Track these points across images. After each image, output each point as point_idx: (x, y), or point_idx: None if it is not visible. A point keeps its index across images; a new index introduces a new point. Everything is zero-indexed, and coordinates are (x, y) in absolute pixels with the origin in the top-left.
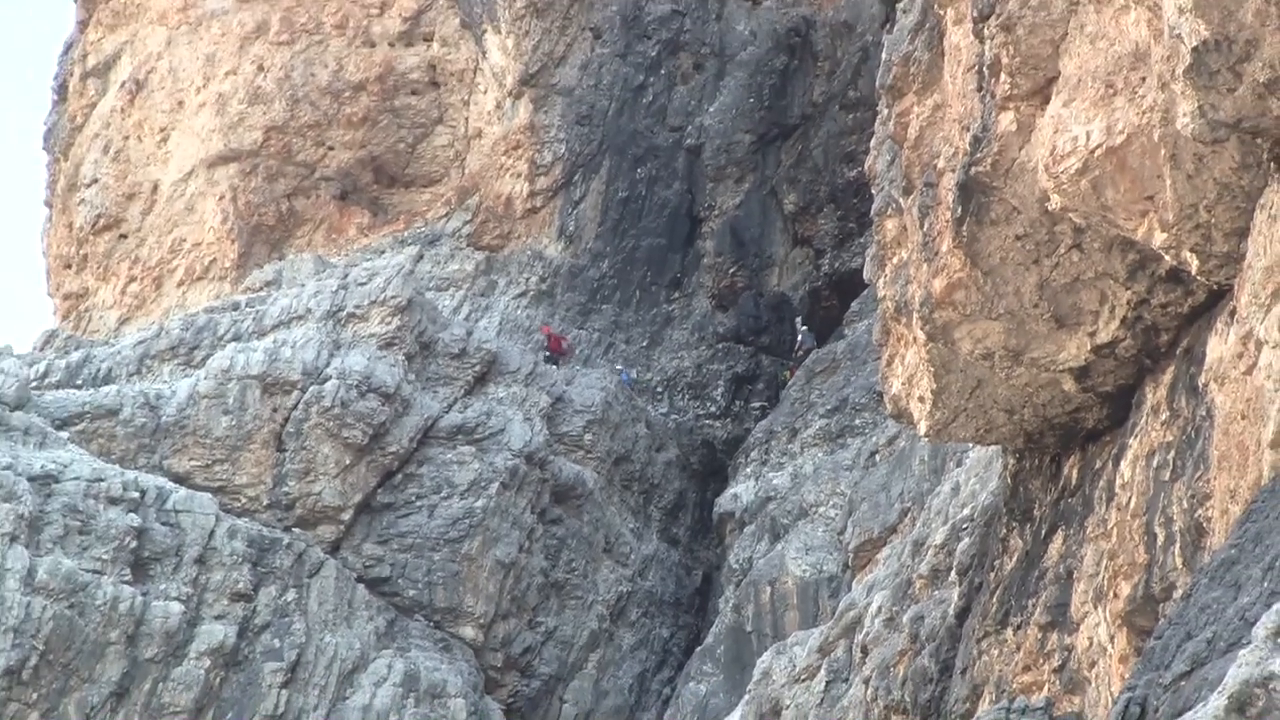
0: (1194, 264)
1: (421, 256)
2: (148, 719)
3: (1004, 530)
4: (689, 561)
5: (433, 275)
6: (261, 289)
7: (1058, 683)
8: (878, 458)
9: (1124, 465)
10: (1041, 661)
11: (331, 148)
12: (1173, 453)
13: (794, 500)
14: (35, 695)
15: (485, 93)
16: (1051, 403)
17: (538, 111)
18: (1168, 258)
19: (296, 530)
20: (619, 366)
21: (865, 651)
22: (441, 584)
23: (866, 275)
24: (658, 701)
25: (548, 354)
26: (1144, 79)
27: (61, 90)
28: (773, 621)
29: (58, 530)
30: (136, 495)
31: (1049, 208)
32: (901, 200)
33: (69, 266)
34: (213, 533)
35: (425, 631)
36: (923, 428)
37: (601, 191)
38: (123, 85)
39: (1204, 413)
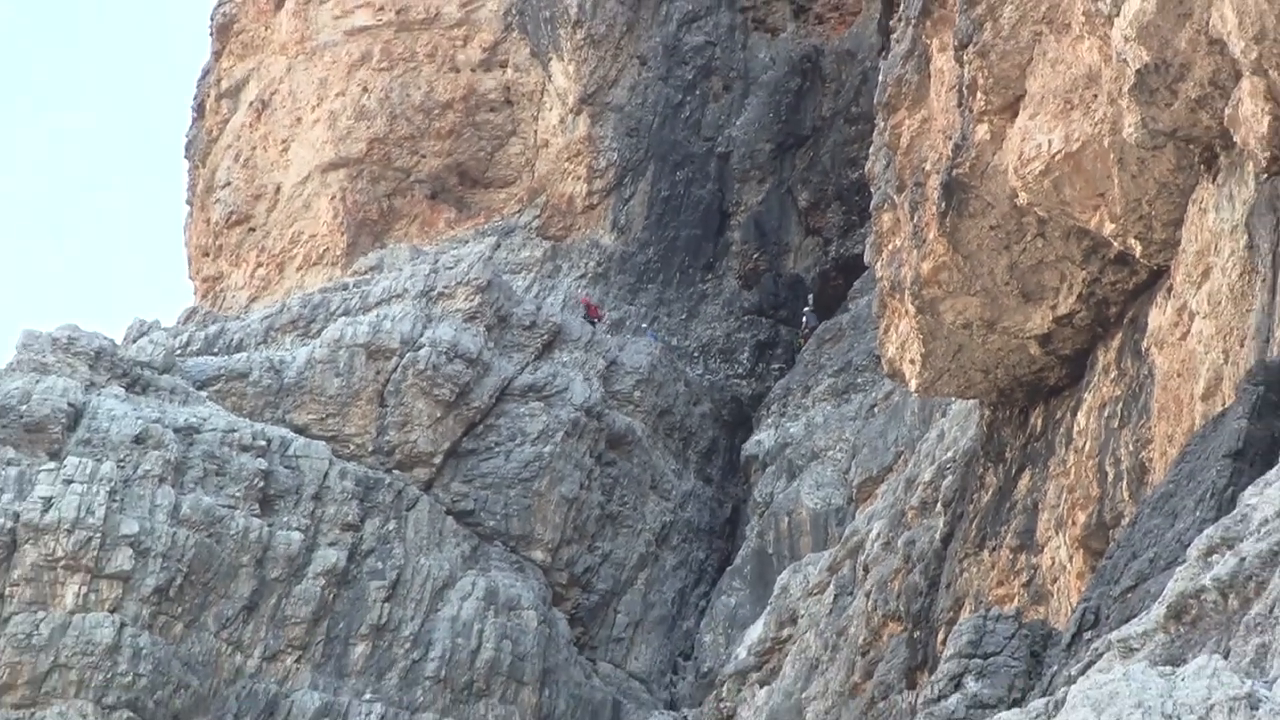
0: (1137, 249)
1: (498, 245)
2: (273, 629)
3: (981, 469)
4: (720, 496)
5: (508, 261)
6: (366, 273)
7: (1026, 595)
8: (876, 410)
9: (1080, 415)
10: (1012, 578)
11: (424, 156)
12: (1120, 405)
13: (807, 445)
14: (180, 609)
15: (550, 110)
16: (1020, 364)
17: (594, 125)
18: (1116, 244)
19: (396, 472)
20: (644, 325)
21: (866, 570)
22: (516, 515)
23: (867, 259)
24: (695, 612)
25: (586, 318)
26: (1096, 96)
27: (200, 109)
28: (790, 545)
29: (198, 473)
30: (263, 444)
31: (1017, 203)
32: (896, 197)
33: (207, 255)
34: (326, 474)
35: (502, 555)
36: (913, 385)
37: (647, 191)
38: (250, 105)
39: (1146, 372)
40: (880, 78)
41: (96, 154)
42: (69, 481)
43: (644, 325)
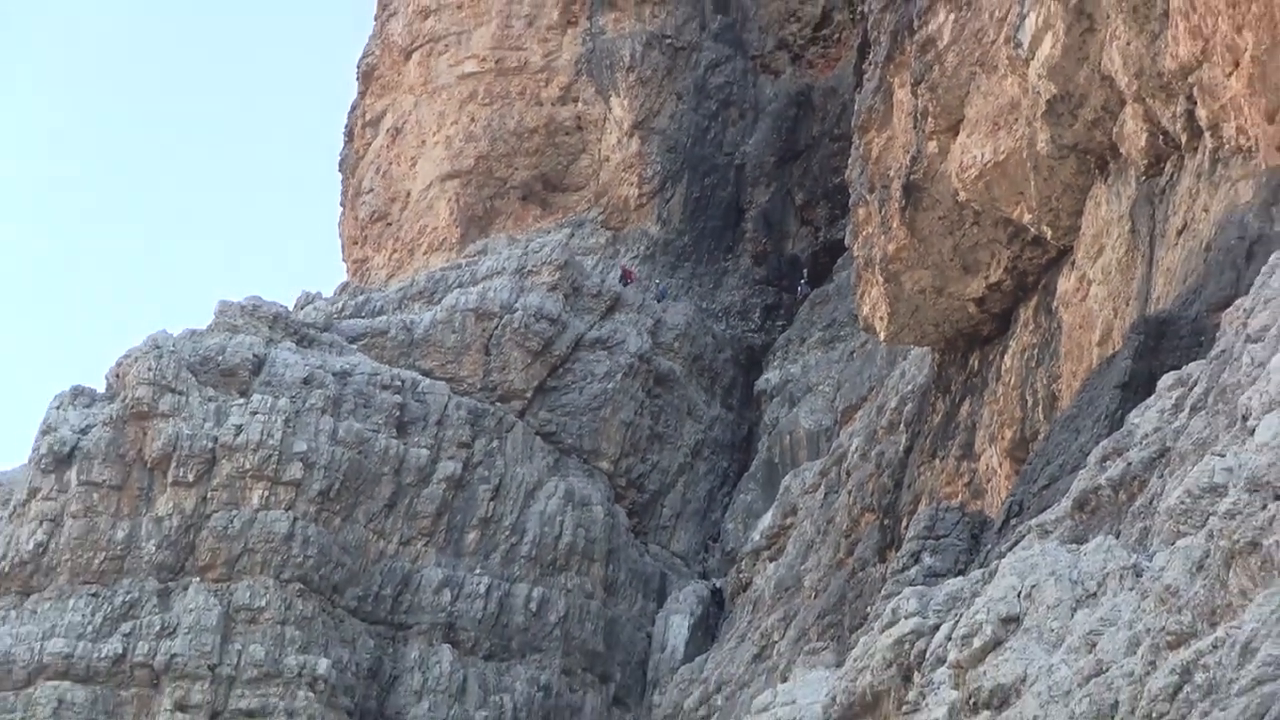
0: (1048, 233)
1: (572, 234)
2: (406, 521)
3: (933, 398)
4: (739, 421)
5: (579, 246)
6: (474, 256)
7: (967, 493)
8: (854, 355)
9: (1007, 358)
10: (957, 480)
11: (516, 168)
12: (1036, 350)
13: (803, 381)
14: (337, 507)
15: (610, 133)
16: (961, 320)
17: (643, 145)
18: (1032, 229)
19: (497, 404)
20: (658, 282)
21: (848, 474)
22: (587, 435)
23: (847, 242)
24: (721, 506)
25: (622, 280)
26: (1016, 119)
27: (349, 134)
28: (791, 456)
29: (350, 406)
30: (399, 384)
31: (959, 200)
32: (868, 196)
33: (356, 243)
34: (445, 406)
35: (577, 465)
36: (882, 336)
37: (683, 193)
38: (387, 131)
39: (1055, 325)
40: (856, 107)
41: (273, 167)
42: (254, 413)
43: (658, 282)
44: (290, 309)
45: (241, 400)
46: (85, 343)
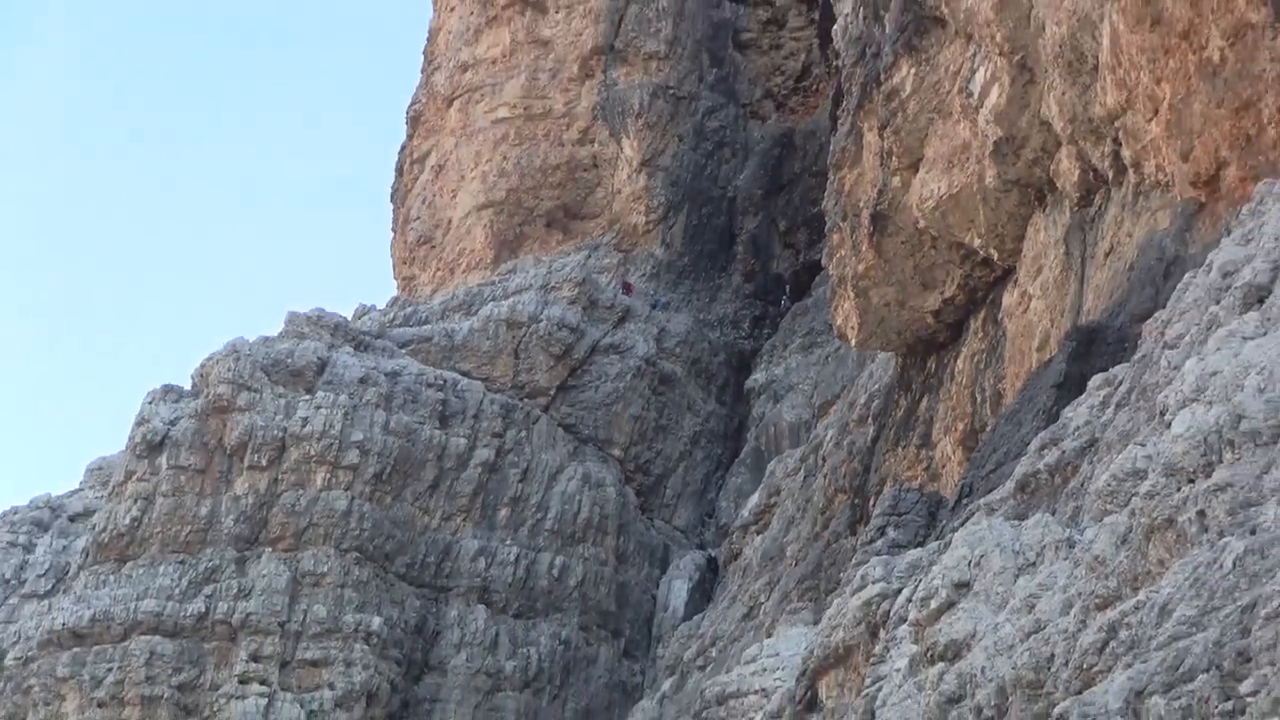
0: (995, 255)
1: (589, 256)
2: (447, 500)
3: (896, 395)
4: (731, 415)
5: (595, 265)
6: (505, 274)
7: (925, 476)
8: (829, 358)
9: (959, 361)
10: (916, 465)
11: (542, 199)
12: (984, 354)
13: (785, 381)
14: (388, 488)
15: (622, 170)
16: (921, 329)
17: (650, 180)
18: (981, 252)
19: (525, 400)
20: (656, 298)
21: (824, 460)
22: (601, 427)
23: (823, 263)
24: (715, 488)
25: (624, 290)
26: (968, 158)
27: (399, 169)
28: (775, 445)
29: (399, 401)
30: (441, 383)
31: (919, 226)
32: (841, 224)
33: (405, 263)
34: (481, 402)
35: (593, 452)
36: (854, 342)
37: (684, 221)
38: (431, 167)
39: (1001, 333)
40: (831, 147)
41: (336, 199)
42: (318, 407)
43: (663, 300)
44: (349, 319)
45: (307, 396)
46: (172, 345)
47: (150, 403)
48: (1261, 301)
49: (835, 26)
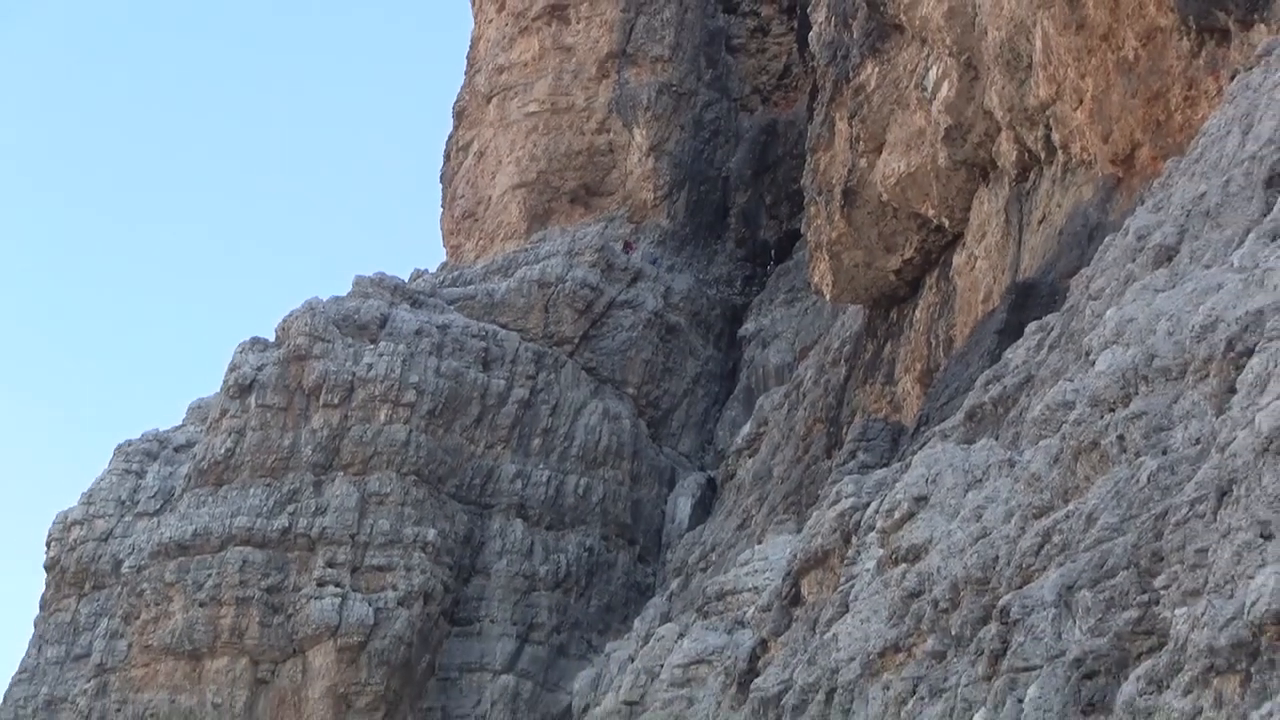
0: (947, 223)
1: (606, 226)
2: (489, 431)
3: (864, 341)
4: (726, 358)
5: (611, 234)
6: (536, 242)
7: (889, 408)
8: (808, 311)
9: (917, 312)
10: (882, 399)
11: (567, 179)
12: (938, 306)
13: (771, 329)
14: (440, 421)
15: (634, 155)
16: (885, 285)
17: (657, 163)
18: (935, 220)
19: (554, 347)
20: (653, 254)
21: (804, 396)
22: (618, 369)
23: (803, 231)
24: (713, 419)
25: (625, 249)
26: (923, 142)
27: (447, 155)
28: (763, 383)
29: (449, 350)
30: (484, 334)
31: (882, 200)
32: (818, 198)
33: (452, 234)
34: (518, 349)
35: (611, 391)
36: (829, 297)
37: (685, 197)
38: (474, 153)
39: (951, 288)
40: (808, 134)
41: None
42: (381, 355)
43: (653, 255)
44: (406, 281)
45: (372, 346)
46: (257, 303)
47: (240, 352)
48: (1170, 260)
49: (811, 33)
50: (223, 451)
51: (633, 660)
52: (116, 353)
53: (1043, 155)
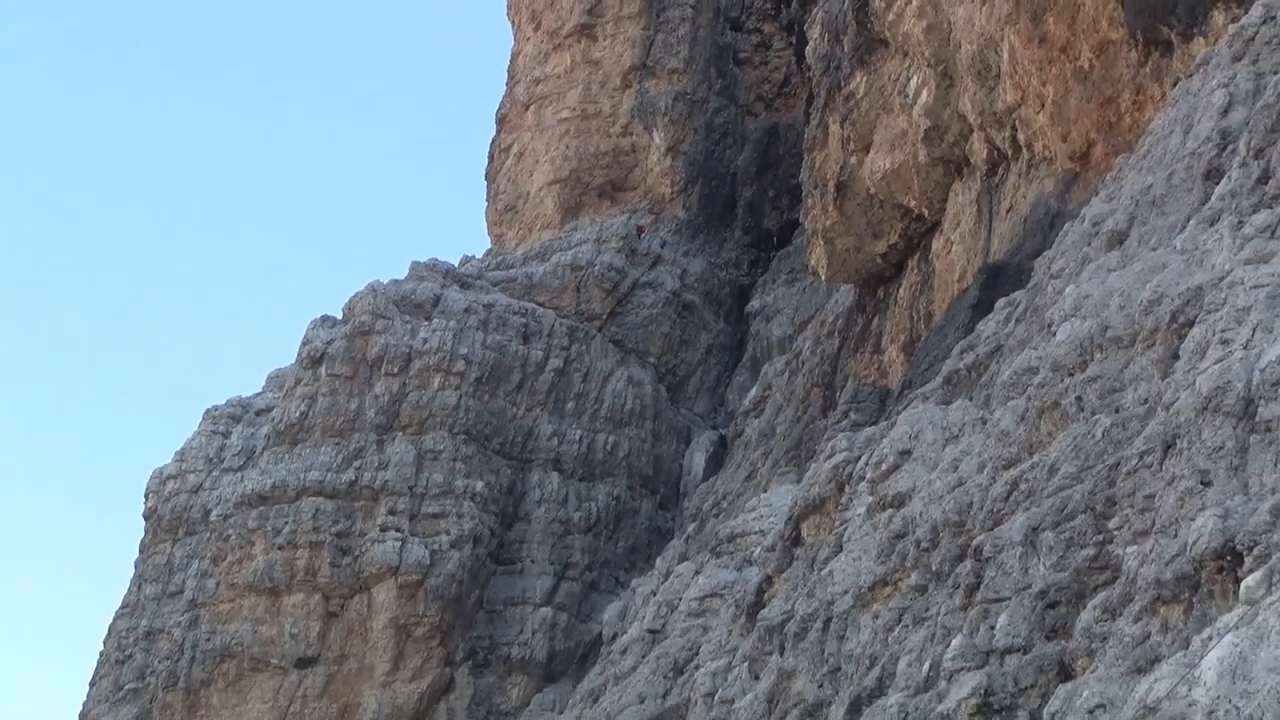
0: (926, 213)
1: (630, 217)
2: (530, 396)
3: (855, 315)
4: (735, 331)
5: (634, 223)
6: (569, 231)
7: (877, 374)
8: (806, 290)
9: (901, 290)
10: (871, 366)
11: (595, 176)
12: (919, 285)
13: (774, 306)
14: (486, 388)
15: (653, 154)
16: (873, 267)
17: (674, 162)
18: (916, 210)
19: (585, 322)
20: (646, 229)
21: (803, 364)
22: (641, 340)
23: (802, 220)
24: (724, 385)
25: (638, 232)
26: (906, 142)
27: (491, 156)
28: (768, 353)
29: (493, 325)
30: (524, 311)
31: (870, 192)
32: (814, 191)
33: (496, 225)
34: (553, 324)
35: (636, 360)
36: (824, 277)
37: (699, 192)
38: (514, 153)
39: (931, 269)
40: (806, 136)
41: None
42: (434, 330)
43: (666, 240)
44: (456, 265)
45: (427, 322)
46: (325, 284)
47: (312, 328)
48: (1121, 243)
49: (807, 48)
50: (297, 415)
51: (655, 594)
52: (205, 329)
53: (1010, 153)
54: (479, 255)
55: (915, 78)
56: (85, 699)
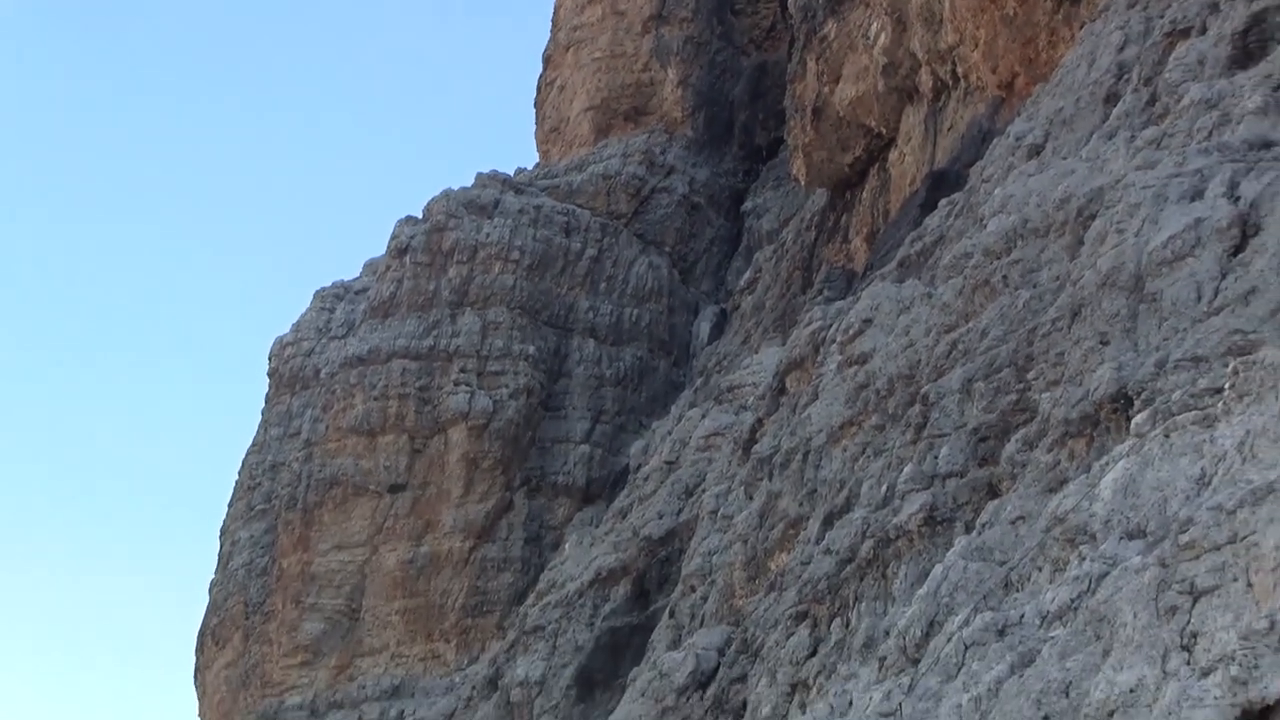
0: (884, 131)
1: (649, 136)
2: (571, 278)
3: (828, 212)
4: (733, 226)
5: (653, 141)
6: (601, 148)
7: (846, 259)
8: (790, 192)
9: (864, 192)
10: (840, 253)
11: (622, 104)
12: (878, 188)
13: (764, 207)
14: (537, 273)
15: (668, 87)
16: (842, 174)
17: (684, 92)
18: (876, 129)
19: (615, 220)
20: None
21: (787, 251)
22: (659, 234)
23: (786, 138)
24: (725, 268)
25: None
26: (868, 75)
27: (539, 88)
28: (760, 242)
29: (542, 223)
30: (566, 210)
31: (840, 115)
32: (795, 115)
33: (543, 144)
34: (589, 221)
35: (655, 250)
36: (804, 182)
37: (705, 115)
38: (557, 87)
39: (888, 175)
40: (789, 72)
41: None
42: (495, 227)
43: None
44: (512, 175)
45: (489, 220)
46: (411, 188)
47: (399, 225)
48: (1038, 154)
49: (790, 0)
50: (388, 294)
51: (670, 434)
52: (319, 223)
53: (950, 83)
54: (530, 167)
55: (875, 23)
56: (224, 517)
